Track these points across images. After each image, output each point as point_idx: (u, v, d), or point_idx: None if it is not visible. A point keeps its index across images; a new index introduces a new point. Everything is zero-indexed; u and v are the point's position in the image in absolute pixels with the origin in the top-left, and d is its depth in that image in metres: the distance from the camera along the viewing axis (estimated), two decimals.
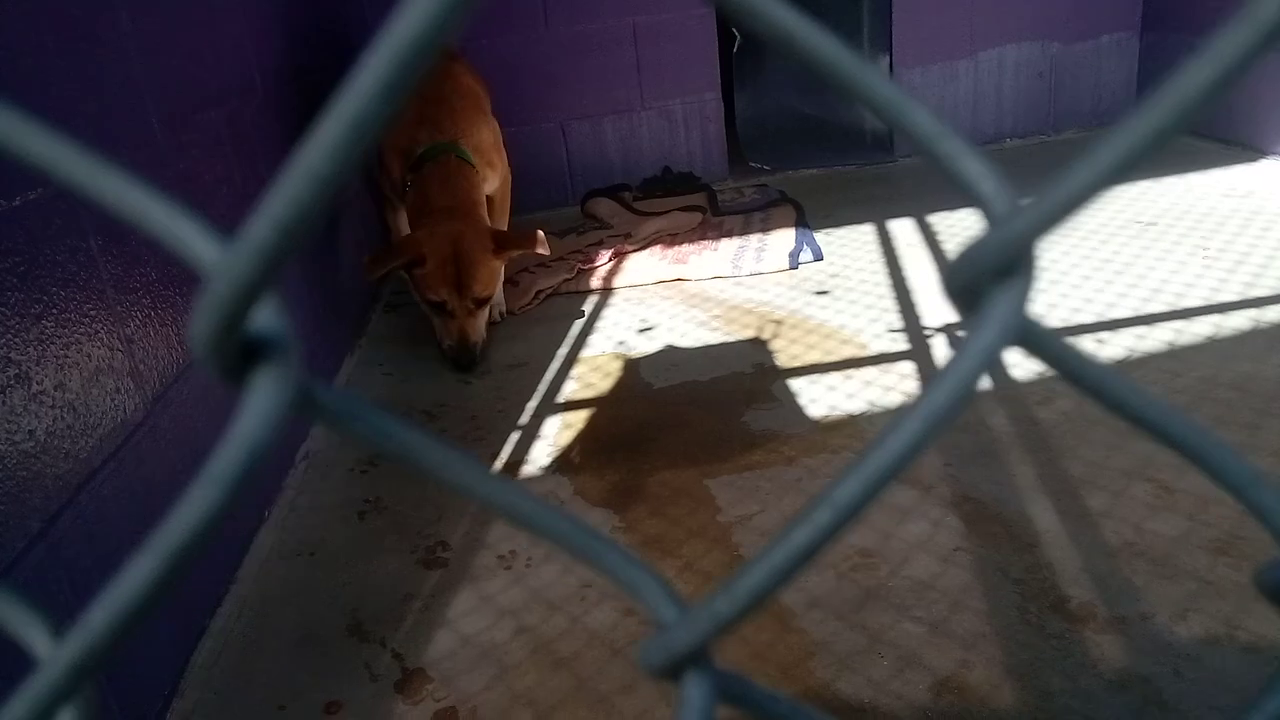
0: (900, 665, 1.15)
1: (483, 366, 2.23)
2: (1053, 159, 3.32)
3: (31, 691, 0.17)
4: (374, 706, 1.20)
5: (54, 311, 1.06)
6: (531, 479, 1.70)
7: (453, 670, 1.25)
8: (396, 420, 0.19)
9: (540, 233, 2.21)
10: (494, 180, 2.51)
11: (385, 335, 2.52)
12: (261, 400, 0.15)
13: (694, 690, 0.19)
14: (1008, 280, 0.15)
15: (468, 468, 0.19)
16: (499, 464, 1.78)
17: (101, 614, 0.16)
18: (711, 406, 1.89)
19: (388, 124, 0.14)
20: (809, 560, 0.18)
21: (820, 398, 1.86)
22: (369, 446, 0.19)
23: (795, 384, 1.93)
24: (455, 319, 2.19)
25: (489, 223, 2.31)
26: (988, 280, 0.15)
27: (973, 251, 0.15)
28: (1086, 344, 1.92)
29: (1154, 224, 2.57)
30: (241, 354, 0.16)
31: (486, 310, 2.26)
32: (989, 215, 0.15)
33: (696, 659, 0.19)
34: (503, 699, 1.19)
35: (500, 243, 2.21)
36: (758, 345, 2.14)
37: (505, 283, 2.63)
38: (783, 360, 2.04)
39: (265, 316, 0.16)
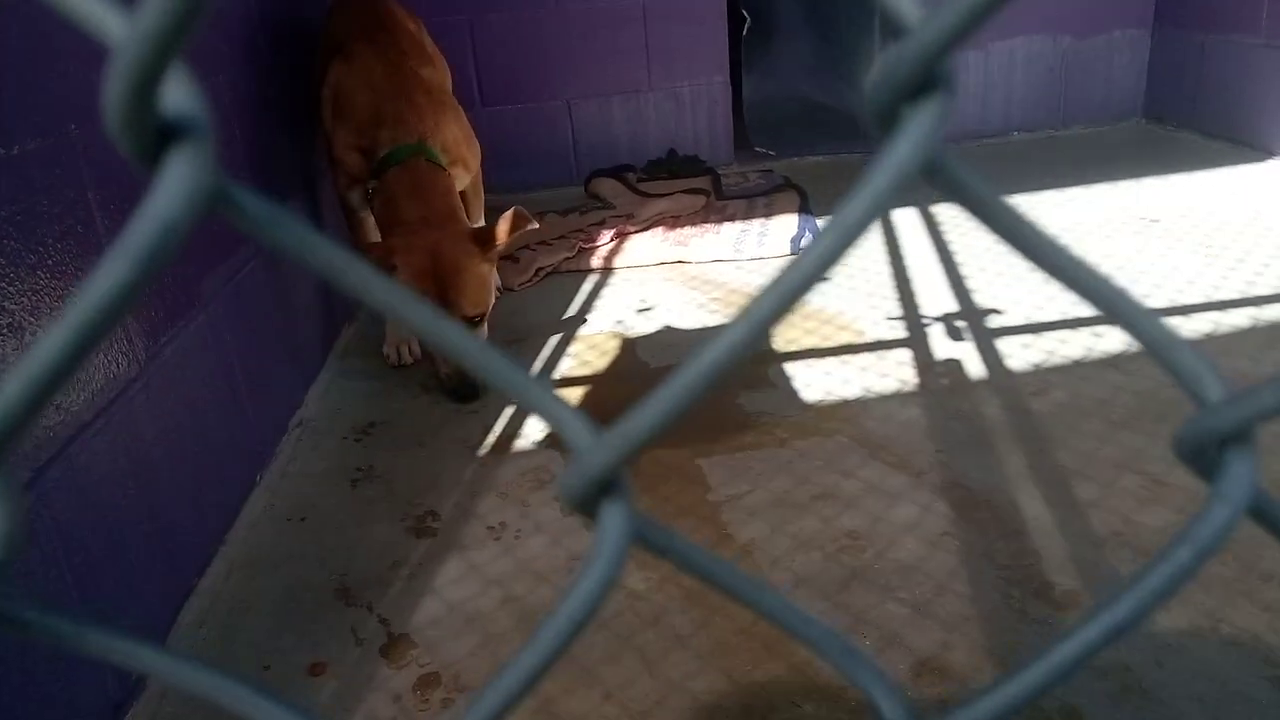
0: (882, 645, 1.16)
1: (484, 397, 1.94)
2: (1059, 154, 3.31)
3: None
4: (358, 669, 1.21)
5: (49, 263, 1.06)
6: (524, 452, 1.71)
7: (438, 637, 1.26)
8: (306, 225, 0.19)
9: (518, 208, 1.87)
10: (466, 177, 2.20)
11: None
12: (174, 179, 0.16)
13: (610, 520, 0.19)
14: (926, 99, 0.15)
15: (375, 282, 0.20)
16: (493, 436, 1.78)
17: (15, 384, 0.16)
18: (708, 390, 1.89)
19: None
20: (717, 377, 0.18)
21: (815, 382, 1.86)
22: (274, 246, 0.19)
23: (791, 368, 1.93)
24: None
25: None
26: (906, 99, 0.15)
27: (889, 66, 0.15)
28: (1082, 338, 1.92)
29: (1157, 221, 2.56)
30: (157, 137, 0.16)
31: (485, 328, 1.96)
32: (905, 29, 0.14)
33: (612, 488, 0.19)
34: (486, 665, 1.20)
35: (484, 240, 1.86)
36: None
37: (505, 259, 2.63)
38: (779, 344, 2.04)
39: (179, 98, 0.16)
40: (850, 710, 1.07)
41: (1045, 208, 2.75)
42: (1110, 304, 0.18)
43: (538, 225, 1.93)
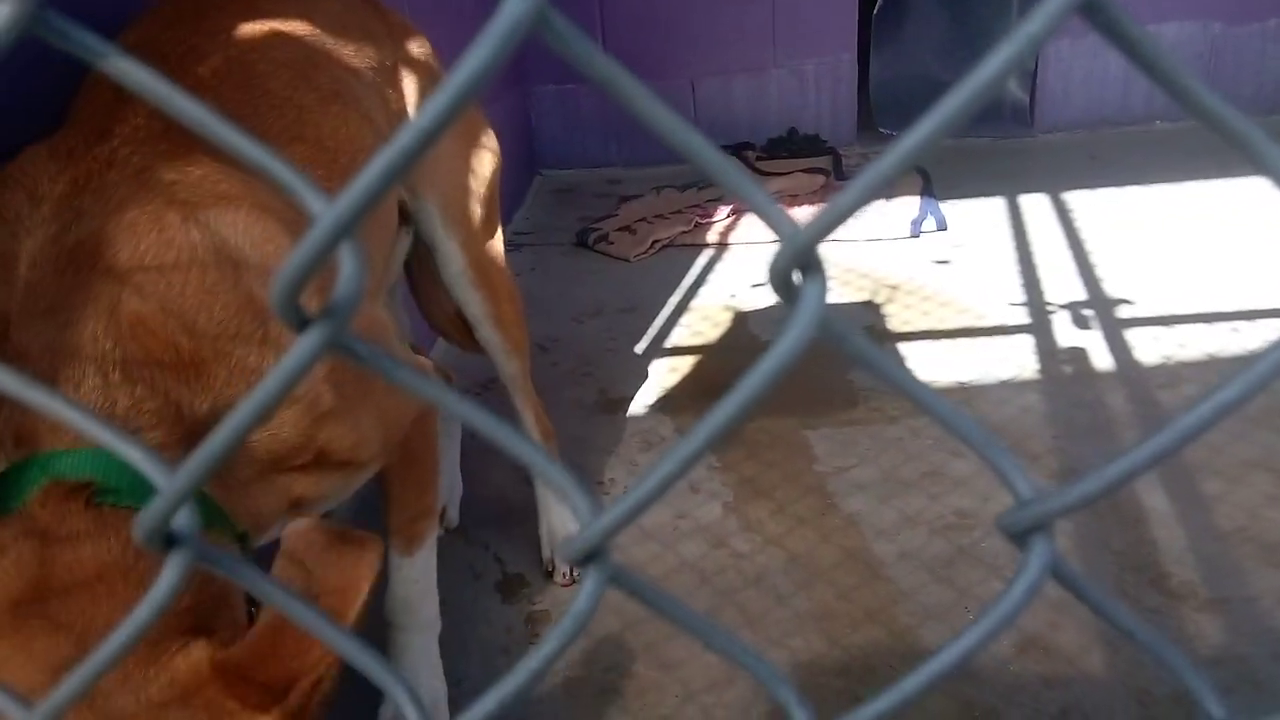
0: None
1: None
2: (1201, 146, 3.14)
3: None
4: (474, 603, 1.28)
5: None
6: (635, 416, 1.75)
7: (548, 579, 1.32)
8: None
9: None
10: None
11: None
12: None
13: (592, 578, 0.26)
14: (810, 276, 0.21)
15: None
16: (606, 398, 1.83)
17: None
18: (816, 361, 1.89)
19: None
20: (672, 482, 0.24)
21: (930, 363, 1.84)
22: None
23: (906, 348, 1.91)
24: None
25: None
26: (794, 275, 0.21)
27: (778, 258, 0.21)
28: (1219, 332, 1.83)
29: (1230, 220, 2.41)
30: None
31: None
32: (783, 234, 0.21)
33: (597, 555, 0.25)
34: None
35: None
36: (870, 308, 2.13)
37: (622, 230, 2.68)
38: (895, 325, 2.03)
39: None
40: (949, 677, 1.07)
41: (1185, 198, 2.63)
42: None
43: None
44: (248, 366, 0.70)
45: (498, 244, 1.27)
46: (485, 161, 1.24)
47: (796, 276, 0.21)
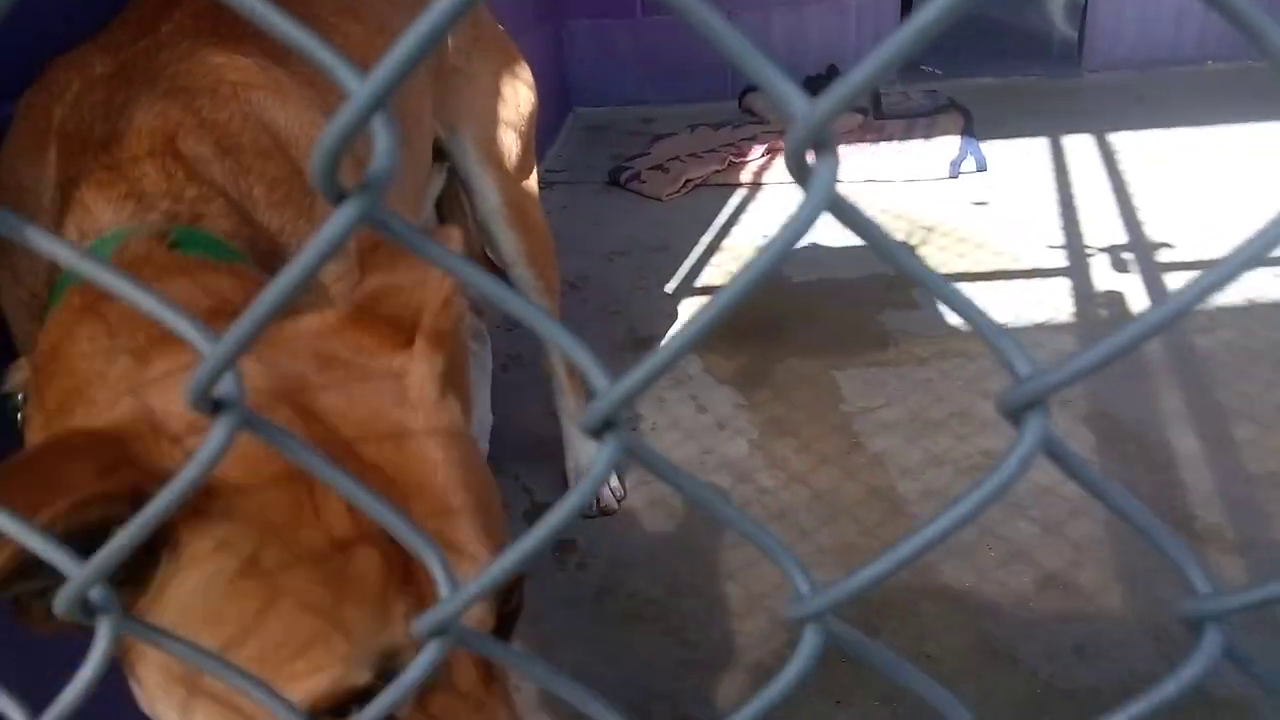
0: (1007, 558, 1.16)
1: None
2: (1252, 88, 3.03)
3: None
4: None
5: None
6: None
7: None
8: None
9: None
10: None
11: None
12: None
13: (608, 445, 0.27)
14: (822, 156, 0.21)
15: None
16: (634, 336, 1.84)
17: None
18: (848, 303, 1.88)
19: None
20: (692, 346, 0.25)
21: None
22: None
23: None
24: None
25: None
26: (808, 154, 0.21)
27: (789, 139, 0.21)
28: (1261, 278, 1.79)
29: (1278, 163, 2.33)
30: None
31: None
32: (795, 114, 0.21)
33: (612, 424, 0.26)
34: (619, 540, 1.28)
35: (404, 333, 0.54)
36: (904, 250, 2.10)
37: (654, 168, 2.66)
38: (929, 266, 2.00)
39: None
40: (969, 612, 1.09)
41: (1233, 141, 2.54)
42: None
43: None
44: (298, 230, 0.69)
45: (533, 183, 1.26)
46: (523, 98, 1.22)
47: (811, 159, 0.22)
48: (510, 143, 1.18)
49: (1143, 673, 1.00)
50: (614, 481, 1.38)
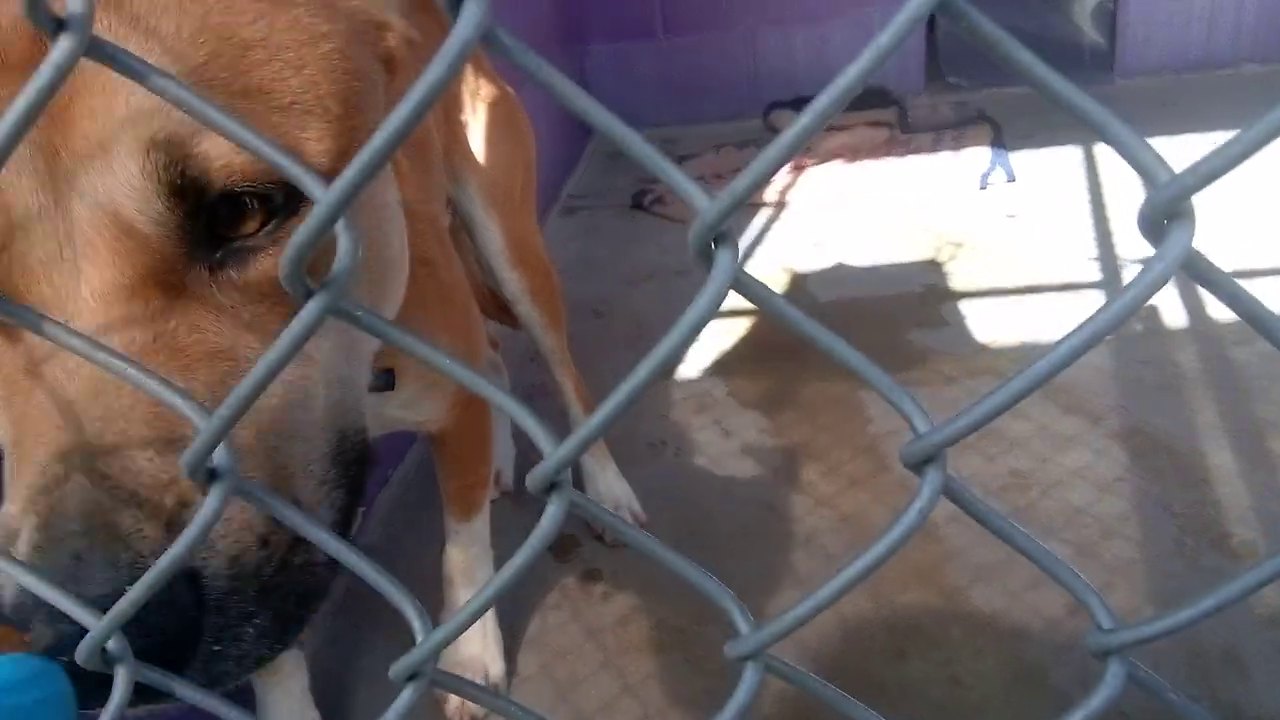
0: (1037, 581, 1.14)
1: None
2: None
3: None
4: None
5: None
6: (688, 380, 1.76)
7: (597, 541, 1.35)
8: None
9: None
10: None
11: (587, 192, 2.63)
12: None
13: (553, 504, 0.31)
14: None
15: None
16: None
17: None
18: (875, 323, 1.87)
19: None
20: (633, 401, 0.28)
21: (992, 321, 1.80)
22: None
23: (967, 306, 1.87)
24: None
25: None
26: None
27: (694, 230, 0.24)
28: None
29: None
30: None
31: None
32: (697, 208, 0.23)
33: (557, 484, 0.30)
34: (643, 567, 1.28)
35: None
36: (932, 266, 2.09)
37: None
38: (957, 283, 1.98)
39: None
40: (998, 637, 1.07)
41: (1272, 147, 2.48)
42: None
43: None
44: None
45: (534, 224, 1.32)
46: (523, 146, 1.28)
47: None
48: (513, 190, 1.25)
49: None
50: (636, 505, 1.38)
